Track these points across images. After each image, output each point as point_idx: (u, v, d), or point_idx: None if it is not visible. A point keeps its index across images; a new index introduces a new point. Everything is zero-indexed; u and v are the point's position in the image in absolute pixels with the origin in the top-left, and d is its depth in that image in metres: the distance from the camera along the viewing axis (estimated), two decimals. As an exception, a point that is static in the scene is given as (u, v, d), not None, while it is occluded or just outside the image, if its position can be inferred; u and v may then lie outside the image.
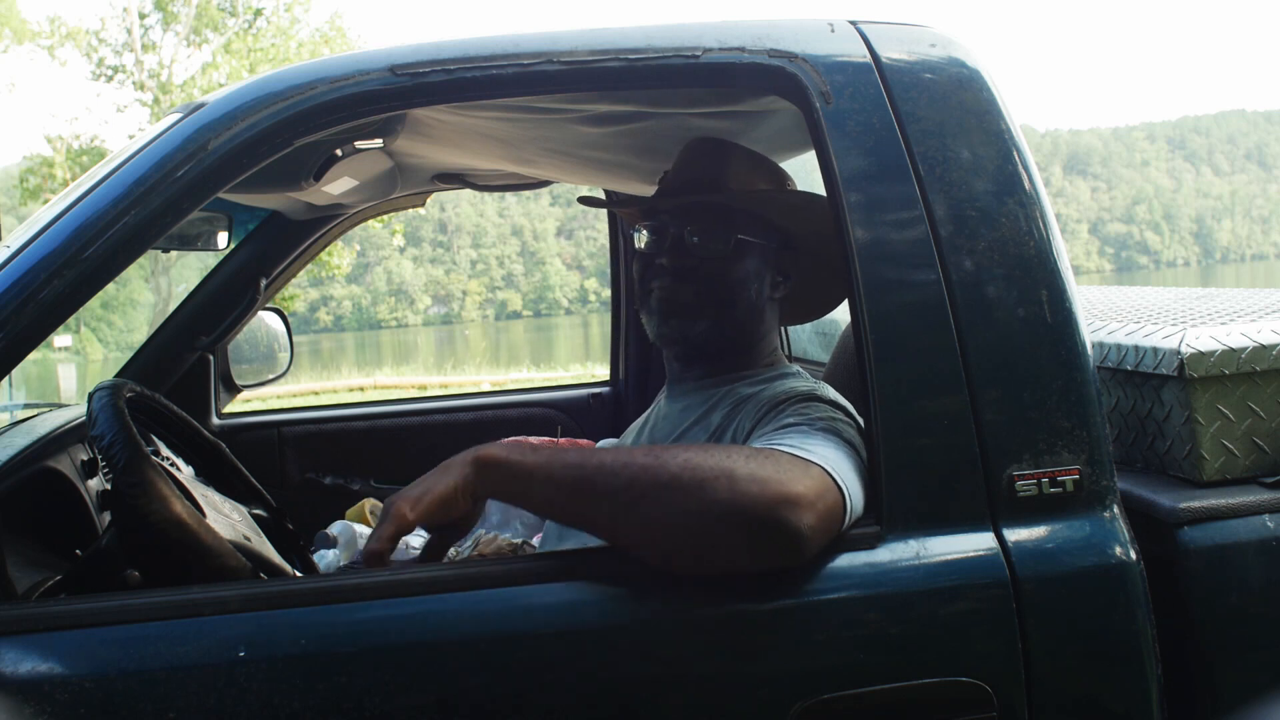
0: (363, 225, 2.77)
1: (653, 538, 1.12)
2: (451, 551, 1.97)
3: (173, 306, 2.87)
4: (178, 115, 1.26)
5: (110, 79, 21.62)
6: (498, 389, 9.78)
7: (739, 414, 1.43)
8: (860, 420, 1.35)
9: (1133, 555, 1.22)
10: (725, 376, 1.53)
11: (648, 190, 2.12)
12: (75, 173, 18.37)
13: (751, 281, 1.51)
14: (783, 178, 1.61)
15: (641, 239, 1.53)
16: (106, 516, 1.39)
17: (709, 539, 1.10)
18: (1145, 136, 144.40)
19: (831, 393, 1.43)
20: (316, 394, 15.58)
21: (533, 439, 2.42)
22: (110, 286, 3.66)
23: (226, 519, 1.40)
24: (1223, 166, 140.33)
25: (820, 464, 1.16)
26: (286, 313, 2.78)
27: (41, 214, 1.27)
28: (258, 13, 21.20)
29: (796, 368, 1.57)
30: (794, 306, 1.65)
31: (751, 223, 1.50)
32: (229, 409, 2.69)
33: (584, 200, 1.76)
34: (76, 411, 2.02)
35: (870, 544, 1.19)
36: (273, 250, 2.51)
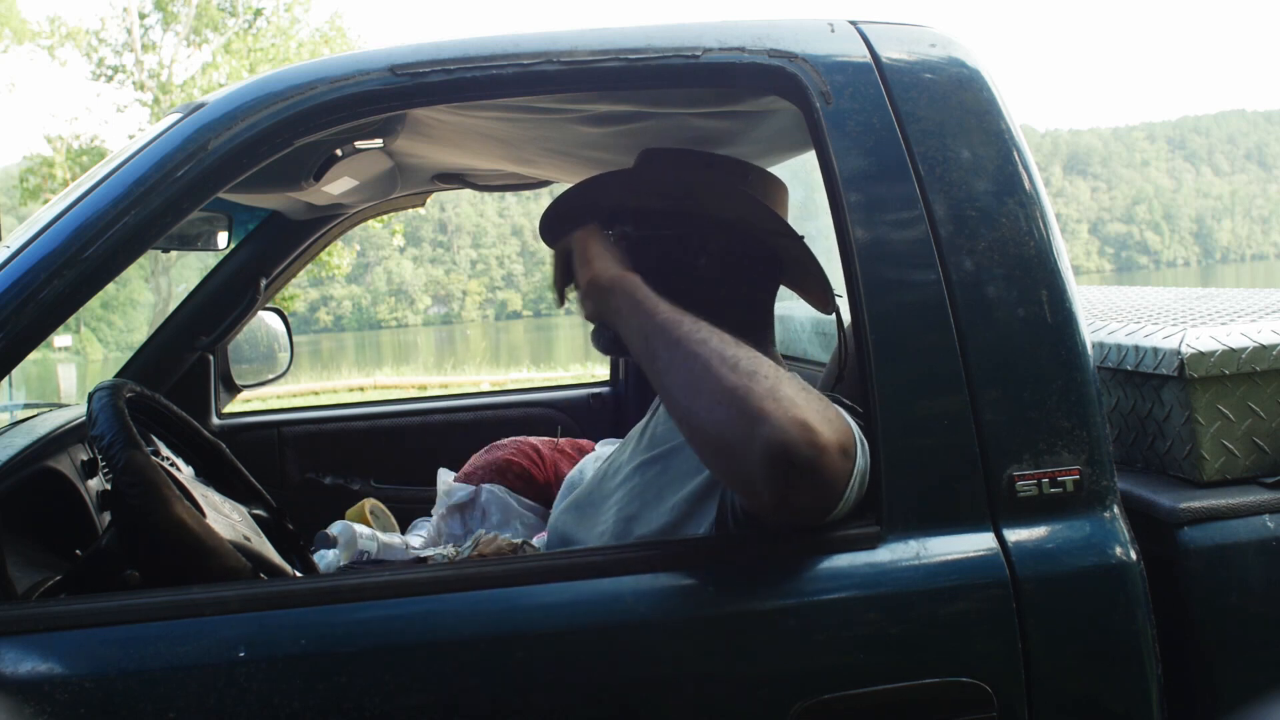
0: (363, 225, 2.77)
1: (713, 404, 1.10)
2: (451, 551, 1.97)
3: (173, 306, 2.87)
4: (178, 115, 1.26)
5: (110, 79, 21.63)
6: (498, 389, 9.79)
7: None
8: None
9: (1133, 555, 1.23)
10: None
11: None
12: (75, 173, 18.37)
13: (650, 275, 1.38)
14: (732, 170, 1.56)
15: None
16: (106, 516, 1.39)
17: (761, 425, 1.06)
18: (1145, 136, 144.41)
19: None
20: (316, 394, 15.58)
21: (533, 439, 2.42)
22: (110, 286, 3.66)
23: (226, 519, 1.40)
24: (1223, 166, 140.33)
25: (849, 423, 1.13)
26: (286, 313, 2.78)
27: (41, 214, 1.27)
28: (258, 13, 21.20)
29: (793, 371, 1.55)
30: (801, 289, 1.60)
31: (642, 217, 1.47)
32: (229, 409, 2.69)
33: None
34: (76, 411, 2.02)
35: (870, 544, 1.19)
36: (273, 250, 2.51)
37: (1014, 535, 1.22)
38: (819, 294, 1.60)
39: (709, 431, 1.11)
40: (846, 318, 1.37)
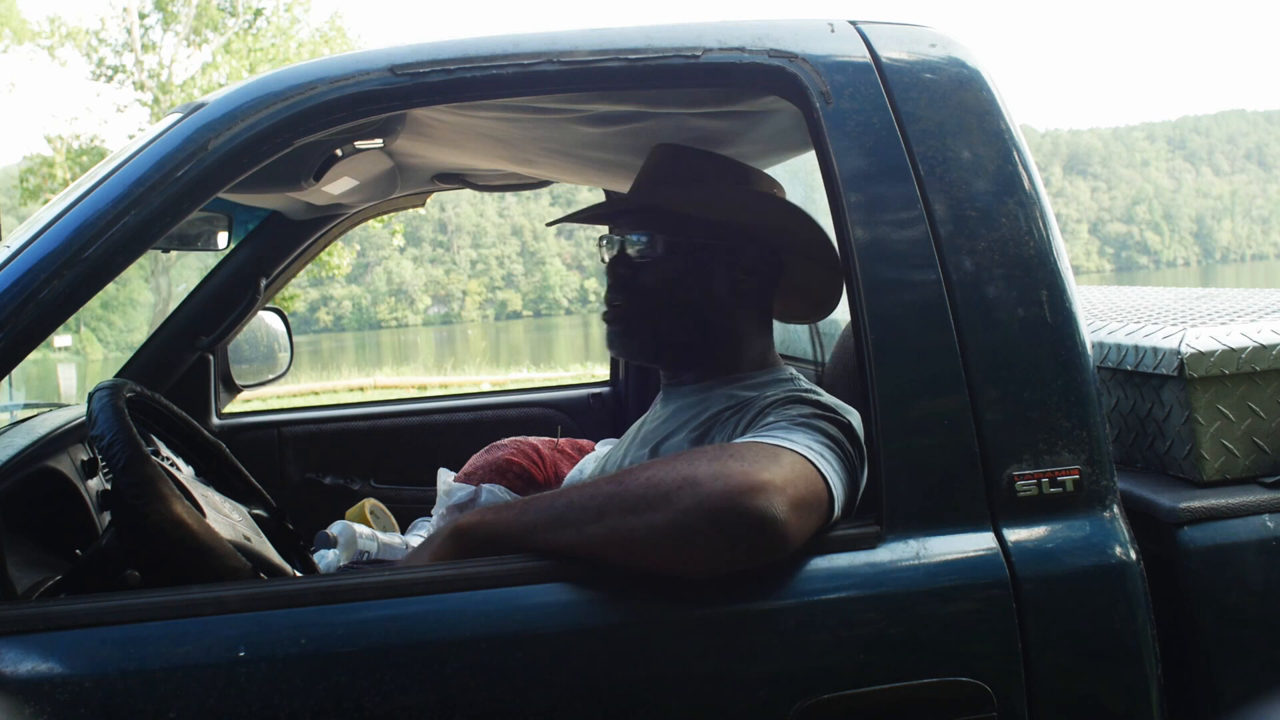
0: (363, 225, 2.77)
1: (640, 555, 1.14)
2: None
3: (173, 306, 2.87)
4: (178, 115, 1.26)
5: (110, 79, 21.62)
6: (498, 389, 9.79)
7: (732, 417, 1.42)
8: (853, 420, 1.35)
9: (1133, 555, 1.23)
10: (715, 380, 1.52)
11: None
12: (75, 173, 18.37)
13: (693, 284, 1.48)
14: (747, 175, 1.58)
15: (601, 253, 1.55)
16: (106, 516, 1.39)
17: (689, 545, 1.11)
18: (1145, 136, 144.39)
19: (823, 396, 1.42)
20: (316, 394, 15.59)
21: (533, 439, 2.42)
22: (110, 286, 3.66)
23: (226, 519, 1.40)
24: (1223, 166, 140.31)
25: (792, 449, 1.16)
26: (286, 313, 2.78)
27: (41, 214, 1.27)
28: (258, 13, 21.20)
29: (791, 370, 1.55)
30: (789, 305, 1.63)
31: (688, 224, 1.48)
32: (229, 409, 2.69)
33: (553, 223, 1.76)
34: (76, 411, 2.02)
35: (870, 544, 1.19)
36: (273, 250, 2.51)
37: (1014, 535, 1.22)
38: (812, 303, 1.63)
39: (666, 563, 1.14)
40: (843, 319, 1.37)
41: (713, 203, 1.51)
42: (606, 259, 1.53)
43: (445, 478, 2.32)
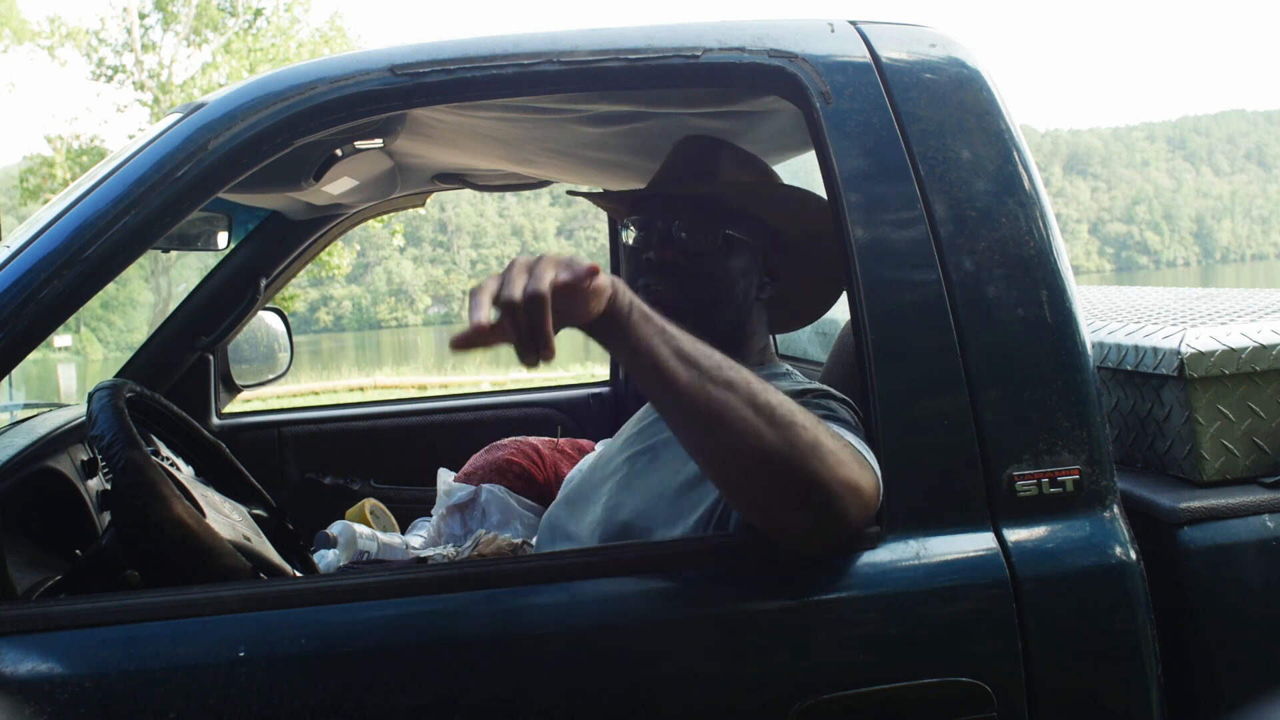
0: (363, 225, 2.77)
1: (739, 457, 1.05)
2: (451, 551, 1.97)
3: (173, 306, 2.87)
4: (178, 115, 1.26)
5: (110, 79, 21.61)
6: (498, 389, 9.79)
7: None
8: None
9: (1133, 555, 1.22)
10: None
11: (647, 190, 2.12)
12: (75, 173, 18.36)
13: (739, 280, 1.49)
14: (772, 177, 1.61)
15: (630, 234, 1.50)
16: (106, 516, 1.39)
17: (806, 501, 1.06)
18: (1145, 136, 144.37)
19: (831, 390, 1.42)
20: (316, 394, 15.57)
21: (533, 439, 2.42)
22: (110, 286, 3.66)
23: (226, 519, 1.40)
24: (1223, 166, 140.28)
25: (872, 465, 1.16)
26: (286, 313, 2.78)
27: (41, 214, 1.27)
28: (258, 13, 21.19)
29: (787, 366, 1.57)
30: (781, 311, 1.64)
31: (740, 218, 1.48)
32: (229, 409, 2.69)
33: (574, 191, 1.74)
34: (76, 411, 2.01)
35: (870, 544, 1.19)
36: (273, 250, 2.51)
37: (1014, 535, 1.22)
38: (804, 310, 1.64)
39: (749, 491, 1.09)
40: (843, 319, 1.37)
41: (786, 200, 1.52)
42: (638, 242, 1.49)
43: (445, 478, 2.32)
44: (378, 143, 1.78)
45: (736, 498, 1.13)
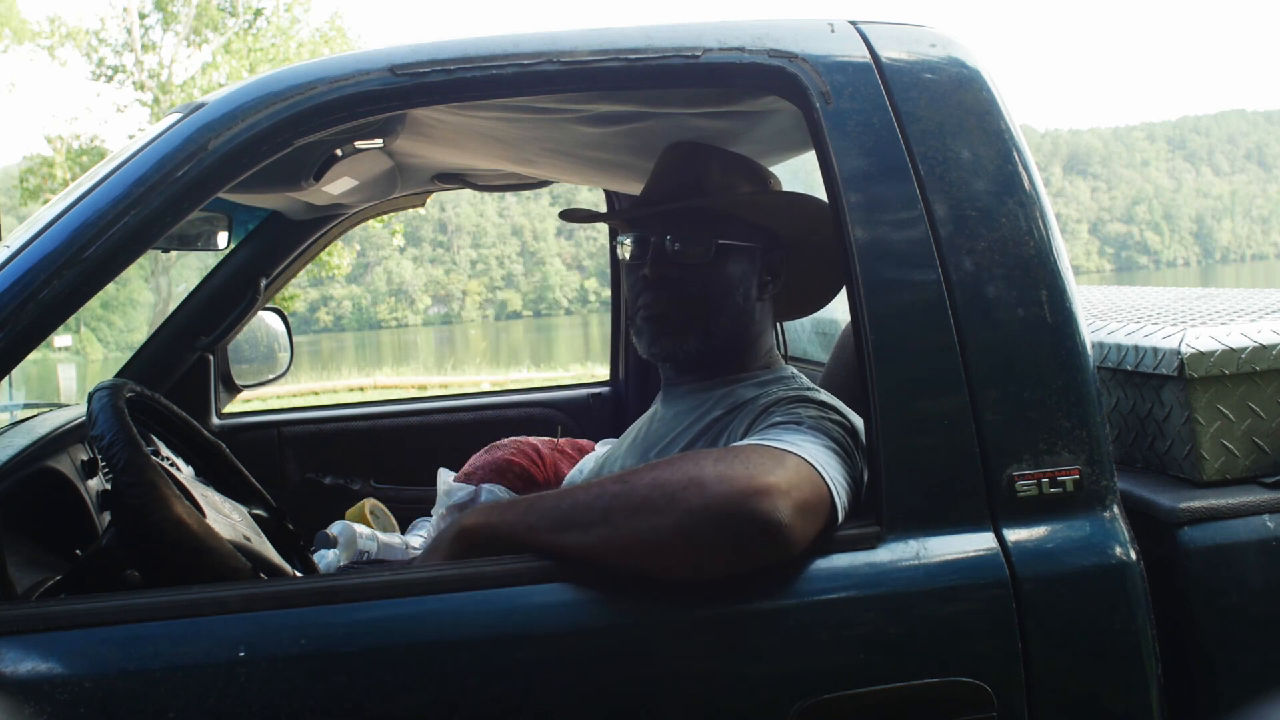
0: (363, 225, 2.77)
1: (642, 557, 1.14)
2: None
3: (173, 306, 2.87)
4: (178, 115, 1.26)
5: (110, 79, 21.60)
6: (498, 389, 9.78)
7: (736, 416, 1.43)
8: (854, 422, 1.35)
9: (1133, 555, 1.23)
10: (720, 379, 1.52)
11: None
12: (75, 173, 18.36)
13: (738, 286, 1.49)
14: (765, 177, 1.60)
15: (625, 250, 1.52)
16: (106, 516, 1.39)
17: (694, 547, 1.11)
18: (1145, 136, 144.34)
19: (824, 395, 1.42)
20: (316, 394, 15.58)
21: (533, 439, 2.42)
22: (110, 286, 3.66)
23: (226, 519, 1.40)
24: (1223, 166, 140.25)
25: (796, 453, 1.16)
26: (286, 313, 2.78)
27: (41, 214, 1.27)
28: (258, 13, 21.18)
29: (791, 370, 1.57)
30: (787, 302, 1.65)
31: (733, 224, 1.48)
32: (229, 409, 2.69)
33: (566, 215, 1.74)
34: (76, 411, 2.02)
35: (870, 544, 1.19)
36: (273, 250, 2.51)
37: (1014, 535, 1.22)
38: (808, 300, 1.64)
39: (666, 566, 1.14)
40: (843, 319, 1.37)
41: (776, 206, 1.52)
42: (633, 258, 1.50)
43: (445, 478, 2.32)
44: (378, 143, 1.78)
45: (663, 573, 1.15)
